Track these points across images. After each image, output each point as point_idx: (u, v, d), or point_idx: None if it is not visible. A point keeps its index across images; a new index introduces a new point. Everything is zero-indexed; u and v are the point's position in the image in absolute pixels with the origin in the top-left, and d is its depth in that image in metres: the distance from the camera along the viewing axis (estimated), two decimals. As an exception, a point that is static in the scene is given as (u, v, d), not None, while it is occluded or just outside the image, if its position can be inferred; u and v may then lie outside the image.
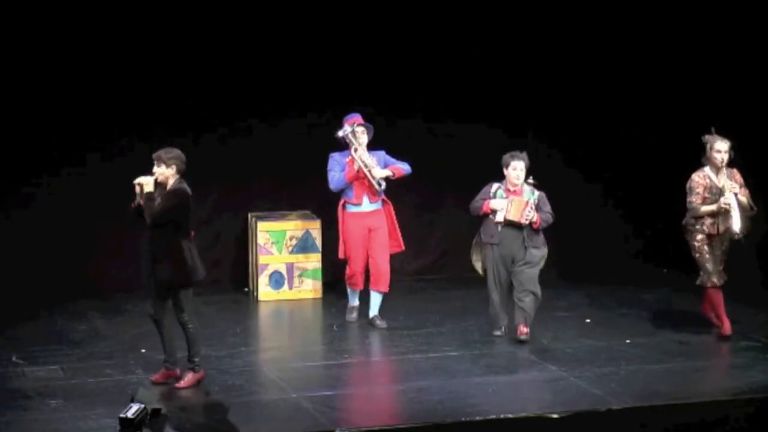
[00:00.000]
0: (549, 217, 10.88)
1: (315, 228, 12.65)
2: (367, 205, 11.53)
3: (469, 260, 13.49)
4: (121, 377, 9.83)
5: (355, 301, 11.83)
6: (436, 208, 13.51)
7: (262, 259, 12.55)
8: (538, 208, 10.79)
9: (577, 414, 8.99)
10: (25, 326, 11.33)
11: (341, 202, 11.59)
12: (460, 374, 9.96)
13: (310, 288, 12.64)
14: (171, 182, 9.60)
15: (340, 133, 11.42)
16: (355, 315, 11.79)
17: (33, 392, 9.51)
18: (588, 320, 11.63)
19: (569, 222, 13.47)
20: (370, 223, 11.55)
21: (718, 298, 10.90)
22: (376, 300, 11.67)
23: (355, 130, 11.40)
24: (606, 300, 12.36)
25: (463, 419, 8.86)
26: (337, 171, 11.46)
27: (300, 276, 12.64)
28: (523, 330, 10.78)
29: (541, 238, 10.90)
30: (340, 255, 11.71)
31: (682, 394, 9.46)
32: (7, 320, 11.40)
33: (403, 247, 11.78)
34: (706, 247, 10.84)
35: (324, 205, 12.50)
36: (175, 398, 9.25)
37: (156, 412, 8.72)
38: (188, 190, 9.62)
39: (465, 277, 13.11)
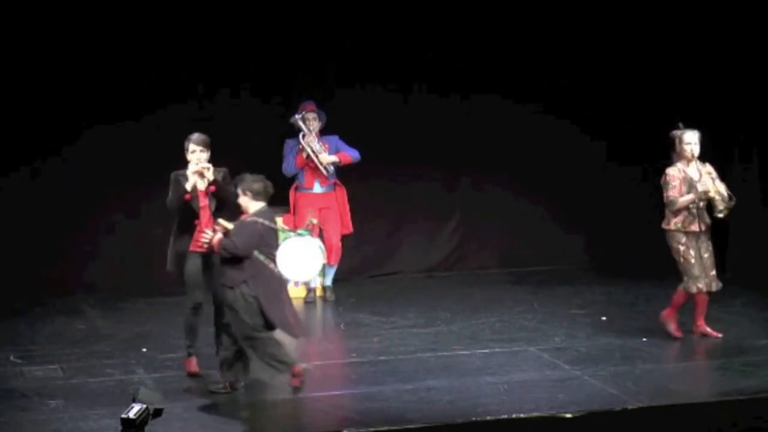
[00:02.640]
0: (231, 246, 8.96)
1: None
2: (317, 189, 12.26)
3: (478, 258, 13.44)
4: (122, 377, 9.73)
5: (314, 282, 12.32)
6: (446, 205, 13.38)
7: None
8: (228, 232, 9.11)
9: (592, 414, 8.84)
10: (24, 325, 11.22)
11: (293, 186, 12.22)
12: (471, 373, 9.84)
13: (316, 286, 12.43)
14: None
15: (292, 120, 12.06)
16: (312, 296, 12.33)
17: (32, 392, 9.39)
18: (604, 318, 11.47)
19: (585, 217, 13.39)
20: (320, 203, 12.24)
21: (703, 303, 10.61)
22: (329, 273, 12.37)
23: (305, 117, 12.02)
24: (622, 297, 12.22)
25: (474, 419, 8.72)
26: (290, 156, 12.20)
27: (306, 273, 12.48)
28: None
29: (234, 274, 8.99)
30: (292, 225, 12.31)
31: (699, 394, 9.34)
32: (5, 319, 11.27)
33: (352, 230, 12.39)
34: (691, 251, 10.54)
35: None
36: (179, 398, 9.09)
37: (158, 413, 8.60)
38: None
39: (476, 274, 13.08)
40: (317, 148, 12.07)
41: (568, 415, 8.76)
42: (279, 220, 11.60)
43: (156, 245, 12.44)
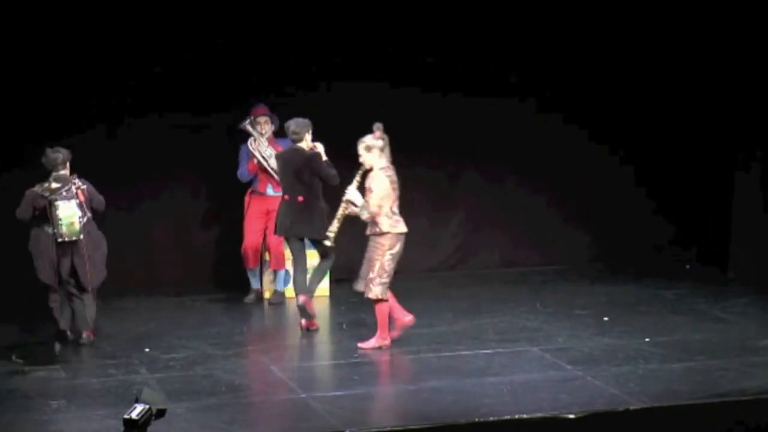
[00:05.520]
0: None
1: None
2: (270, 192, 12.10)
3: (480, 257, 13.42)
4: (125, 377, 9.71)
5: (255, 284, 12.24)
6: (449, 205, 13.36)
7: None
8: None
9: (594, 414, 8.84)
10: (25, 325, 11.19)
11: (249, 190, 12.16)
12: (474, 374, 9.82)
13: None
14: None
15: (241, 126, 12.01)
16: (252, 297, 12.18)
17: (34, 392, 9.39)
18: (606, 318, 11.44)
19: (588, 217, 13.39)
20: (270, 206, 11.99)
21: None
22: (279, 277, 12.30)
23: (254, 121, 11.97)
24: (625, 297, 12.19)
25: (477, 419, 8.72)
26: (243, 162, 12.08)
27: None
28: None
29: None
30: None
31: (702, 394, 9.28)
32: (7, 319, 11.26)
33: None
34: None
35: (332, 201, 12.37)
36: (182, 398, 9.08)
37: (161, 413, 8.58)
38: None
39: (478, 274, 13.04)
40: (267, 153, 11.93)
41: (571, 416, 8.75)
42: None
43: (158, 244, 12.50)
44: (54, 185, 10.46)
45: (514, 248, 13.49)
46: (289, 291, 12.29)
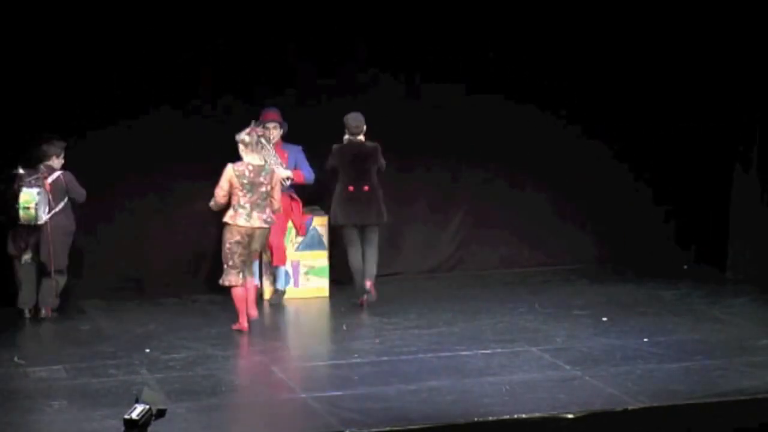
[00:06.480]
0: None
1: (322, 225, 12.47)
2: None
3: (480, 258, 13.43)
4: (126, 377, 9.72)
5: (281, 285, 12.29)
6: (448, 206, 13.36)
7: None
8: None
9: (593, 414, 8.86)
10: (27, 326, 11.23)
11: None
12: (473, 374, 9.83)
13: (316, 286, 12.44)
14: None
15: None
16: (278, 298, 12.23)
17: (35, 393, 9.41)
18: (605, 318, 11.44)
19: (586, 218, 13.40)
20: None
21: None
22: (279, 275, 12.29)
23: (263, 126, 11.76)
24: (623, 298, 12.19)
25: (476, 419, 8.74)
26: None
27: (306, 274, 12.45)
28: None
29: None
30: None
31: (700, 394, 9.29)
32: (9, 320, 11.29)
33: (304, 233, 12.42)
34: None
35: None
36: (183, 399, 9.10)
37: (161, 413, 8.60)
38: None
39: (477, 275, 13.05)
40: (273, 160, 11.84)
41: (570, 416, 8.77)
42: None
43: (158, 244, 12.50)
44: (21, 171, 11.25)
45: (513, 249, 13.49)
46: (289, 290, 12.36)
